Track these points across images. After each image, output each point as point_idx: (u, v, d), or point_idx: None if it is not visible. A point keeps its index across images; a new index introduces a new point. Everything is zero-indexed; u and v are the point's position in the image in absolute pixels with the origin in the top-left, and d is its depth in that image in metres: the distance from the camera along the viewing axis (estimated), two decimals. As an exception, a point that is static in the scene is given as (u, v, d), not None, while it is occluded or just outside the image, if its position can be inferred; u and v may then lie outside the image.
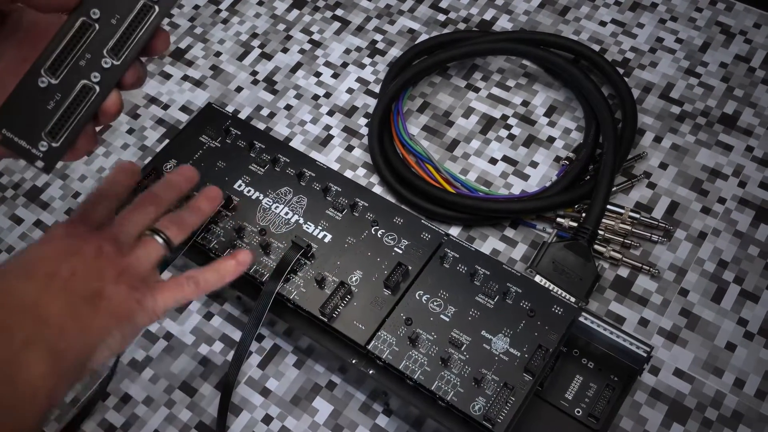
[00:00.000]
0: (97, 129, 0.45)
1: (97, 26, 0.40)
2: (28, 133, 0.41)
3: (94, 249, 0.42)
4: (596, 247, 0.58)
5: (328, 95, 0.69)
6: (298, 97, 0.69)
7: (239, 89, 0.70)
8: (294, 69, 0.71)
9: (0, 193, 0.65)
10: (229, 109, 0.68)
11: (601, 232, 0.58)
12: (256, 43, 0.73)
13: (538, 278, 0.55)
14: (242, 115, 0.68)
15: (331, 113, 0.68)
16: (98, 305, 0.40)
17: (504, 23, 0.72)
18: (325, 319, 0.50)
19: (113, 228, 0.44)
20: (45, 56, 0.40)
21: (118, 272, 0.42)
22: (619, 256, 0.58)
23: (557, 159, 0.64)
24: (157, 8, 0.40)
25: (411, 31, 0.72)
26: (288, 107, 0.69)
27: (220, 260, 0.47)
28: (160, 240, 0.45)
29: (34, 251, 0.41)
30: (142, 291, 0.43)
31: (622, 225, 0.59)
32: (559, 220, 0.59)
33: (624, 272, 0.58)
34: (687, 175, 0.62)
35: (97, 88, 0.40)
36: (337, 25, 0.74)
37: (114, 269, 0.42)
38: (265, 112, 0.68)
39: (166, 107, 0.70)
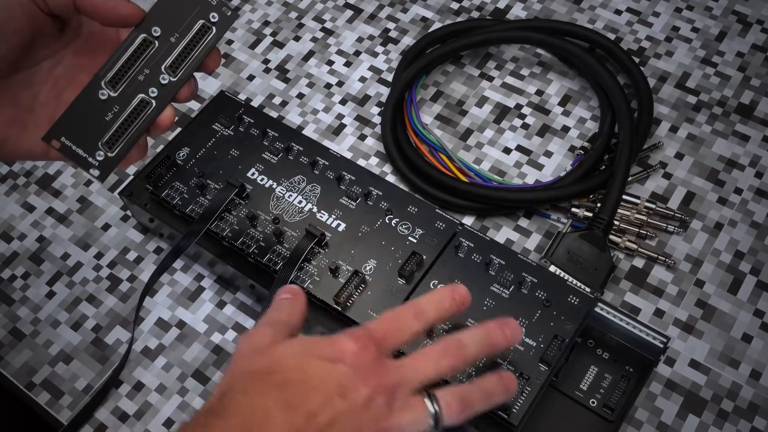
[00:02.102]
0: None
1: (156, 43, 0.42)
2: (85, 142, 0.42)
3: (366, 397, 0.37)
4: (611, 237, 0.57)
5: (340, 84, 0.69)
6: (310, 85, 0.69)
7: (251, 77, 0.70)
8: (306, 57, 0.71)
9: (12, 180, 0.65)
10: (241, 97, 0.68)
11: (616, 223, 0.58)
12: (268, 31, 0.73)
13: (552, 268, 0.54)
14: (254, 104, 0.68)
15: (343, 102, 0.68)
16: None
17: (518, 11, 0.71)
18: (339, 308, 0.50)
19: (397, 371, 0.38)
20: (106, 69, 0.42)
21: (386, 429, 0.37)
22: (634, 246, 0.57)
23: (572, 148, 0.63)
24: (214, 29, 0.42)
25: (424, 19, 0.72)
26: (300, 96, 0.68)
27: None
28: (431, 410, 0.38)
29: (314, 368, 0.37)
30: None
31: (637, 215, 0.58)
32: (573, 210, 0.59)
33: (639, 263, 0.58)
34: (703, 165, 0.62)
35: (154, 103, 0.42)
36: (349, 13, 0.73)
37: (385, 426, 0.37)
38: (277, 100, 0.68)
39: (177, 95, 0.69)
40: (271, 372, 0.37)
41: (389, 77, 0.69)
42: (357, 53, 0.70)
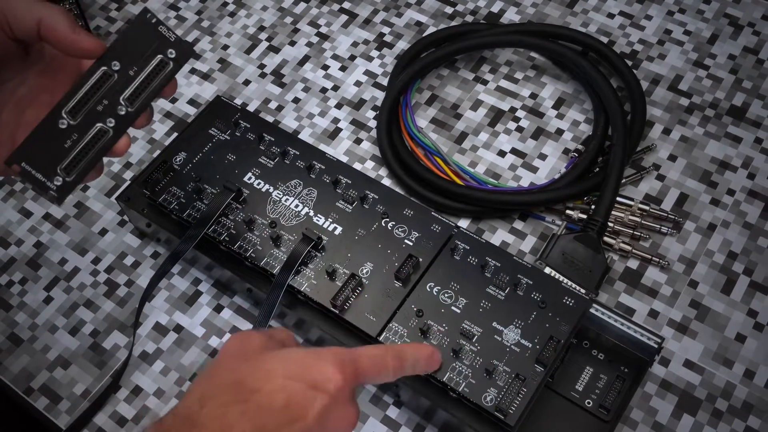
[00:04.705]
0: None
1: (116, 76, 0.44)
2: (45, 168, 0.44)
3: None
4: (606, 239, 0.58)
5: (336, 88, 0.69)
6: (306, 90, 0.69)
7: (247, 82, 0.70)
8: (302, 62, 0.71)
9: (9, 186, 0.66)
10: (237, 102, 0.68)
11: (610, 224, 0.58)
12: (263, 36, 0.73)
13: (547, 270, 0.55)
14: (250, 109, 0.68)
15: (339, 106, 0.68)
16: None
17: (512, 15, 0.72)
18: (337, 311, 0.50)
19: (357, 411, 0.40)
20: (66, 99, 0.43)
21: None
22: (628, 247, 0.58)
23: (566, 151, 0.64)
24: (172, 64, 0.43)
25: (418, 23, 0.72)
26: (296, 100, 0.69)
27: None
28: None
29: (298, 394, 0.36)
30: None
31: (631, 217, 0.59)
32: (568, 212, 0.59)
33: (634, 264, 0.58)
34: (696, 167, 0.62)
35: (111, 132, 0.44)
36: (344, 17, 0.73)
37: None
38: (273, 105, 0.68)
39: (173, 100, 0.70)
40: (255, 390, 0.36)
41: (384, 81, 0.69)
42: (352, 58, 0.71)
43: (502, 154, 0.64)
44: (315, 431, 0.36)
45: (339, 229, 0.54)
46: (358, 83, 0.69)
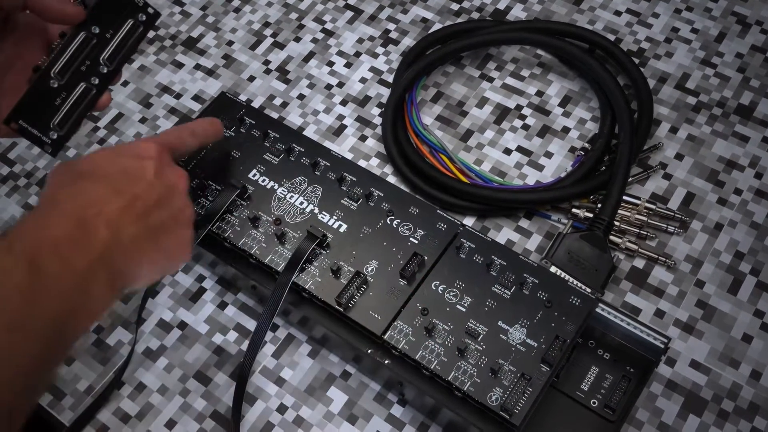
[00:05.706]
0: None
1: (95, 40, 0.49)
2: (40, 124, 0.49)
3: (175, 181, 0.45)
4: (612, 237, 0.58)
5: (341, 85, 0.69)
6: (310, 86, 0.69)
7: (252, 78, 0.70)
8: (307, 58, 0.71)
9: (12, 181, 0.65)
10: (242, 98, 0.68)
11: (616, 223, 0.58)
12: (268, 32, 0.73)
13: (553, 269, 0.55)
14: (255, 105, 0.68)
15: (344, 103, 0.68)
16: (163, 245, 0.44)
17: (518, 12, 0.71)
18: (341, 309, 0.50)
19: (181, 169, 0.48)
20: (53, 61, 0.49)
21: (189, 216, 0.46)
22: (635, 247, 0.57)
23: (572, 149, 0.64)
24: (142, 27, 0.51)
25: (424, 20, 0.72)
26: (301, 97, 0.68)
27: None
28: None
29: (129, 164, 0.44)
30: (191, 234, 0.46)
31: (638, 216, 0.58)
32: (574, 210, 0.59)
33: (640, 263, 0.58)
34: (703, 166, 0.62)
35: (95, 89, 0.50)
36: (349, 14, 0.73)
37: (189, 212, 0.46)
38: (277, 101, 0.68)
39: (178, 96, 0.69)
40: (93, 171, 0.43)
41: (390, 78, 0.69)
42: (357, 54, 0.70)
43: (507, 151, 0.64)
44: (158, 186, 0.44)
45: (344, 227, 0.54)
46: (363, 80, 0.69)
